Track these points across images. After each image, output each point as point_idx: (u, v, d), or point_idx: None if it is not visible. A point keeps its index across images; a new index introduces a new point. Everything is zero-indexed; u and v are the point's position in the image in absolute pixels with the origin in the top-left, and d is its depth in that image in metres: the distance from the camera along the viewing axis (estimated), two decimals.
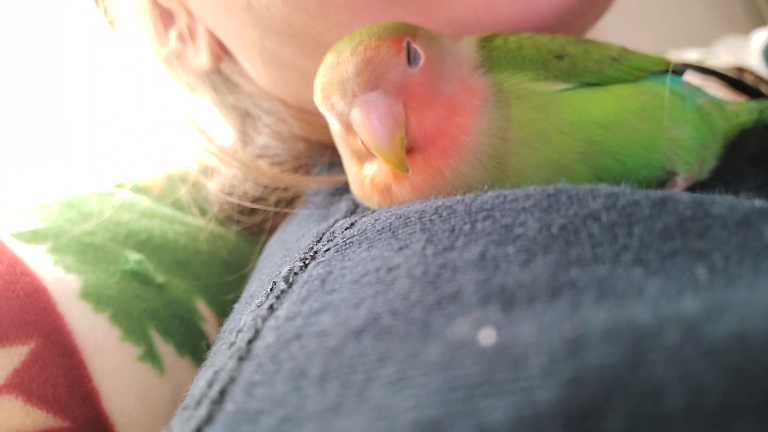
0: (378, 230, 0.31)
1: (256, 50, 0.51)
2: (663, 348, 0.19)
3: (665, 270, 0.24)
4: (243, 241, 0.63)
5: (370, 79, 0.34)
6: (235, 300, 0.49)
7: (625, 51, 0.40)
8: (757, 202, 0.28)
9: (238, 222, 0.59)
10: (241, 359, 0.26)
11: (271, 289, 0.31)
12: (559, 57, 0.38)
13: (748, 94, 0.63)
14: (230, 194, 0.57)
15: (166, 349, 0.48)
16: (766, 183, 0.43)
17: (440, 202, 0.32)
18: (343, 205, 0.43)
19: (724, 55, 0.96)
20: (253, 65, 0.54)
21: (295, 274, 0.31)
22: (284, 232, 0.49)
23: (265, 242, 0.58)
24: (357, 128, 0.35)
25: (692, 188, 0.40)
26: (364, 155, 0.38)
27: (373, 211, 0.37)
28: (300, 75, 0.51)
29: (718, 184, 0.42)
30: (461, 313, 0.23)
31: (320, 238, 0.35)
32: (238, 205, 0.57)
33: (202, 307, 0.54)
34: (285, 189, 0.55)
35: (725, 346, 0.19)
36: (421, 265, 0.27)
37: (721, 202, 0.28)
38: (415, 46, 0.36)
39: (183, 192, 0.60)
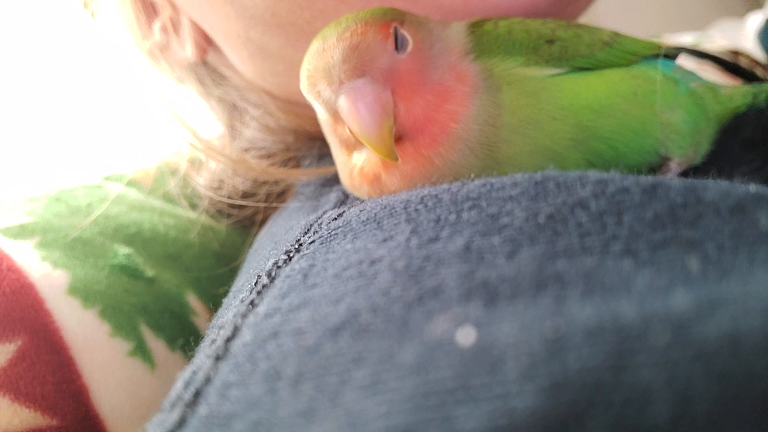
0: (363, 221, 0.31)
1: (241, 42, 0.50)
2: (649, 349, 0.18)
3: (655, 261, 0.23)
4: (234, 233, 0.62)
5: (357, 65, 0.33)
6: (226, 293, 0.48)
7: (616, 35, 0.40)
8: (752, 187, 0.27)
9: (229, 215, 0.59)
10: (218, 359, 0.26)
11: (255, 284, 0.30)
12: (550, 41, 0.37)
13: (743, 77, 0.62)
14: (219, 188, 0.56)
15: (156, 344, 0.48)
16: (761, 168, 0.42)
17: (426, 192, 0.31)
18: (333, 196, 0.42)
19: (719, 39, 0.95)
20: (238, 57, 0.53)
21: (278, 267, 0.31)
22: (274, 224, 0.49)
23: (256, 234, 0.57)
24: (344, 116, 0.34)
25: (686, 173, 0.39)
26: (352, 144, 0.37)
27: (361, 202, 0.36)
28: (287, 66, 0.50)
29: (712, 169, 0.41)
30: (442, 309, 0.23)
31: (308, 230, 0.35)
32: (229, 198, 0.56)
33: (193, 301, 0.54)
34: (275, 182, 0.54)
35: (716, 349, 0.18)
36: (404, 258, 0.26)
37: (713, 187, 0.27)
38: (403, 31, 0.35)
39: (173, 185, 0.60)
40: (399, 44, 0.35)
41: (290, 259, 0.31)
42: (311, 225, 0.35)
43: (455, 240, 0.26)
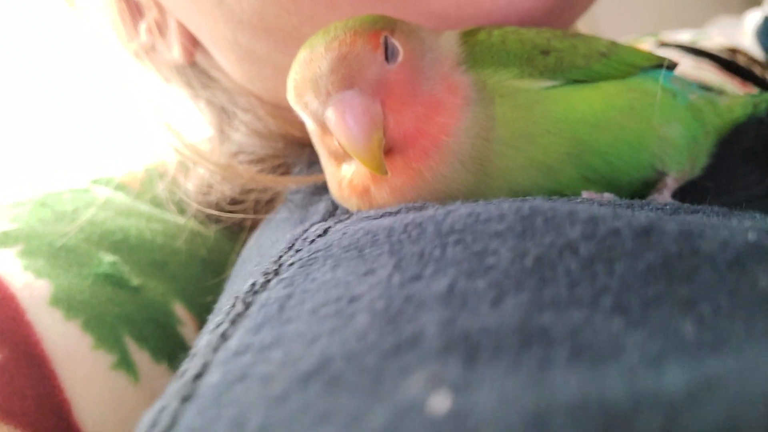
0: (345, 247, 0.29)
1: (228, 45, 0.49)
2: None
3: (647, 322, 0.22)
4: (223, 239, 0.61)
5: (345, 76, 0.32)
6: (213, 303, 0.47)
7: (614, 45, 0.39)
8: (751, 236, 0.25)
9: (218, 221, 0.58)
10: (184, 399, 0.24)
11: (230, 310, 0.29)
12: (545, 52, 0.36)
13: (740, 75, 0.61)
14: (208, 193, 0.55)
15: (141, 356, 0.47)
16: (760, 180, 0.41)
17: (410, 218, 0.30)
18: (322, 206, 0.41)
19: (717, 36, 0.94)
20: (226, 60, 0.52)
21: (255, 293, 0.29)
22: (262, 233, 0.47)
23: (245, 240, 0.56)
24: (332, 129, 0.33)
25: (683, 188, 0.39)
26: (341, 155, 0.36)
27: (348, 217, 0.36)
28: (275, 70, 0.49)
29: (709, 183, 0.40)
30: (418, 364, 0.21)
31: (291, 245, 0.34)
32: (217, 204, 0.55)
33: (180, 310, 0.53)
34: (264, 189, 0.53)
35: None
36: (384, 298, 0.25)
37: (711, 236, 0.25)
38: (393, 41, 0.34)
39: (161, 189, 0.58)
40: (389, 54, 0.34)
41: (268, 281, 0.30)
42: (295, 240, 0.34)
43: (439, 280, 0.25)
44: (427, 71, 0.35)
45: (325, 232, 0.33)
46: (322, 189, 0.46)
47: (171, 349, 0.49)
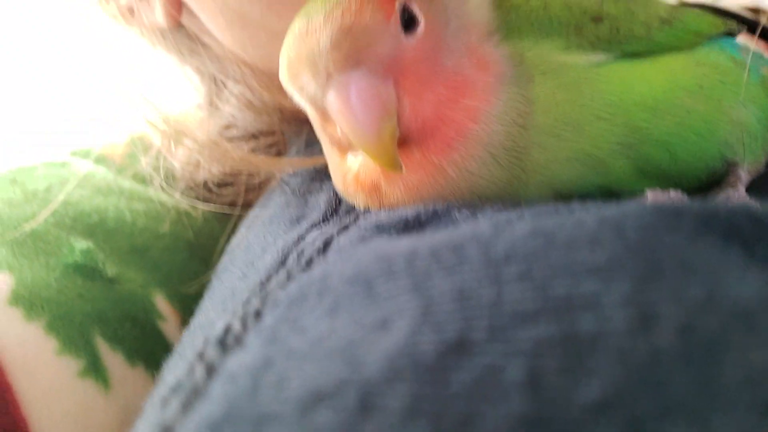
0: (348, 278, 0.22)
1: (216, 7, 0.43)
2: None
3: None
4: (212, 219, 0.55)
5: (350, 53, 0.26)
6: (199, 295, 0.41)
7: (676, 10, 0.32)
8: None
9: (206, 200, 0.51)
10: None
11: (189, 372, 0.22)
12: (597, 19, 0.29)
13: (764, 37, 0.56)
14: (195, 171, 0.49)
15: (113, 360, 0.41)
16: None
17: (440, 237, 0.22)
18: (323, 199, 0.35)
19: None
20: (215, 25, 0.45)
21: (225, 348, 0.22)
22: (252, 226, 0.41)
23: (236, 223, 0.50)
24: (334, 117, 0.27)
25: (754, 181, 0.32)
26: (346, 145, 0.30)
27: (354, 220, 0.29)
28: (270, 36, 0.42)
29: None
30: None
31: (283, 260, 0.27)
32: (205, 183, 0.49)
33: (161, 303, 0.47)
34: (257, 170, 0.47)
35: None
36: (407, 385, 0.16)
37: None
38: (412, 6, 0.27)
39: (144, 163, 0.52)
40: (406, 24, 0.27)
41: (246, 328, 0.23)
42: (288, 253, 0.28)
43: (503, 355, 0.17)
44: (452, 43, 0.28)
45: (325, 247, 0.27)
46: (323, 173, 0.39)
47: (149, 349, 0.43)
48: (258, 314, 0.23)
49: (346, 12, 0.26)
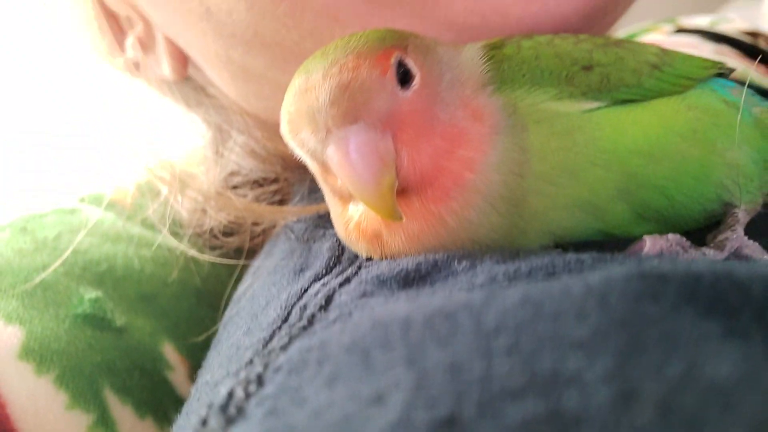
0: (346, 347, 0.22)
1: (220, 62, 0.44)
2: None
3: None
4: (220, 264, 0.55)
5: (348, 109, 0.26)
6: (207, 343, 0.42)
7: (665, 54, 0.33)
8: None
9: (213, 248, 0.52)
10: None
11: (203, 423, 0.23)
12: (587, 68, 0.30)
13: (763, 60, 0.56)
14: (201, 219, 0.49)
15: (122, 412, 0.41)
16: None
17: (435, 304, 0.23)
18: (326, 248, 0.35)
19: (736, 20, 0.89)
20: (220, 78, 0.46)
21: (229, 420, 0.23)
22: (258, 274, 0.41)
23: (243, 268, 0.50)
24: (335, 170, 0.28)
25: (753, 220, 0.33)
26: (347, 195, 0.31)
27: (356, 271, 0.30)
28: (273, 89, 0.43)
29: None
30: None
31: (286, 317, 0.28)
32: (211, 230, 0.49)
33: (170, 352, 0.47)
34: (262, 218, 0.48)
35: None
36: None
37: None
38: (407, 61, 0.28)
39: (152, 211, 0.53)
40: (402, 78, 0.28)
41: (248, 396, 0.23)
42: (290, 308, 0.29)
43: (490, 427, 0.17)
44: (447, 95, 0.29)
45: (327, 303, 0.28)
46: (326, 219, 0.40)
47: (158, 400, 0.44)
48: (260, 380, 0.23)
49: (343, 69, 0.27)
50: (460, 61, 0.30)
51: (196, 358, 0.44)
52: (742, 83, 0.34)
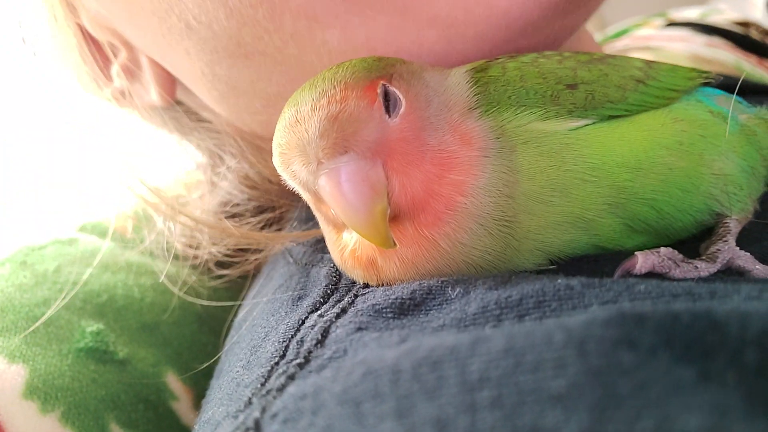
0: (338, 398, 0.22)
1: (208, 81, 0.43)
2: None
3: None
4: (221, 289, 0.55)
5: (338, 141, 0.27)
6: (210, 370, 0.42)
7: (649, 67, 0.33)
8: None
9: (212, 276, 0.52)
10: None
11: None
12: (572, 86, 0.30)
13: (755, 51, 0.56)
14: (197, 250, 0.49)
15: None
16: None
17: (423, 353, 0.23)
18: (323, 275, 0.35)
19: (727, 11, 0.89)
20: (210, 98, 0.46)
21: None
22: (257, 299, 0.42)
23: (246, 289, 0.50)
24: (327, 201, 0.28)
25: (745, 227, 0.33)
26: (341, 224, 0.31)
27: (353, 300, 0.30)
28: (264, 101, 0.43)
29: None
30: None
31: (284, 353, 0.28)
32: (207, 262, 0.49)
33: (173, 382, 0.47)
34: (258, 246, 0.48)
35: None
36: None
37: None
38: (392, 89, 0.28)
39: (149, 240, 0.53)
40: (389, 107, 0.28)
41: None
42: (288, 342, 0.29)
43: None
44: (434, 120, 0.29)
45: (323, 337, 0.28)
46: (324, 243, 0.40)
47: (164, 431, 0.44)
48: (257, 426, 0.24)
49: (331, 101, 0.27)
50: (447, 85, 0.31)
51: (200, 386, 0.44)
52: (732, 86, 0.34)
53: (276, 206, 0.49)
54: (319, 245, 0.41)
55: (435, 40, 0.37)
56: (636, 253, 0.29)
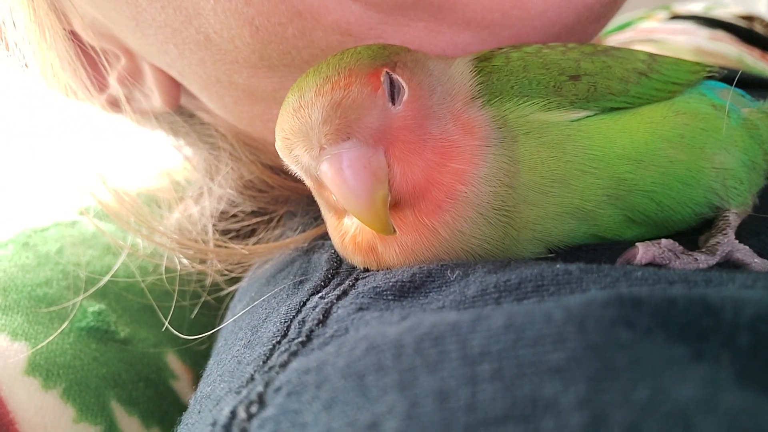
0: (341, 370, 0.23)
1: (223, 87, 0.42)
2: None
3: None
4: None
5: (340, 127, 0.27)
6: (208, 351, 0.42)
7: (653, 60, 0.33)
8: None
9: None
10: None
11: None
12: (575, 78, 0.30)
13: (759, 45, 0.56)
14: (203, 263, 0.49)
15: (129, 424, 0.42)
16: None
17: (425, 329, 0.23)
18: (324, 260, 0.35)
19: (732, 4, 0.89)
20: (220, 104, 0.45)
21: None
22: (256, 279, 0.42)
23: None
24: (328, 186, 0.28)
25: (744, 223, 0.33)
26: (341, 210, 0.31)
27: (353, 284, 0.30)
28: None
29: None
30: None
31: (285, 332, 0.29)
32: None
33: (174, 362, 0.48)
34: (269, 220, 0.48)
35: None
36: None
37: None
38: (396, 77, 0.29)
39: (145, 231, 0.52)
40: (392, 94, 0.28)
41: (250, 417, 0.24)
42: (290, 322, 0.29)
43: None
44: (437, 109, 0.29)
45: (325, 317, 0.28)
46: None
47: (164, 410, 0.44)
48: (261, 400, 0.24)
49: (335, 87, 0.28)
50: (450, 74, 0.31)
51: (199, 366, 0.44)
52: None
53: (273, 209, 0.49)
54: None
55: (469, 41, 0.37)
56: (637, 244, 0.29)
